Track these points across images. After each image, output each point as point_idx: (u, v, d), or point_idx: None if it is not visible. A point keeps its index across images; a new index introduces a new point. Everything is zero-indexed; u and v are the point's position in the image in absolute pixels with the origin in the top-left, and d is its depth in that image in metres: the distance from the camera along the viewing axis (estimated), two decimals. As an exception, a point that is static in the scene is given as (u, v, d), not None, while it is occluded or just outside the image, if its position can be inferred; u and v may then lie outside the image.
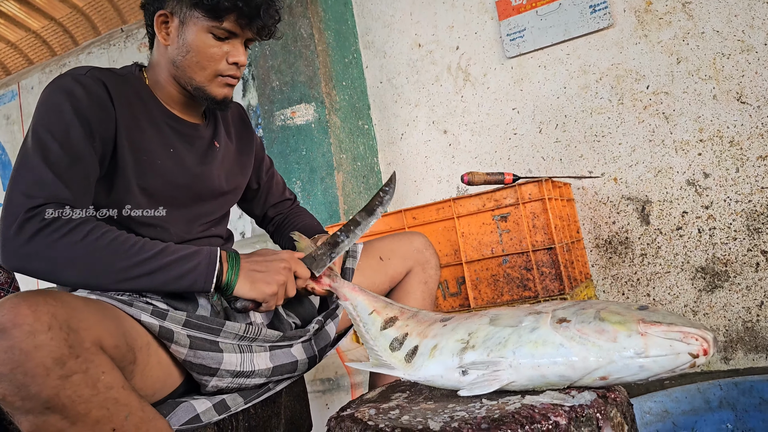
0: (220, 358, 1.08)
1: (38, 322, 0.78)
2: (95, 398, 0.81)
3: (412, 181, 2.99)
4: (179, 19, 1.21)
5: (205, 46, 1.21)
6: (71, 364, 0.79)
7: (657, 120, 2.42)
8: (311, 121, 2.71)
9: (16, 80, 4.83)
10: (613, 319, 0.81)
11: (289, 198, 1.65)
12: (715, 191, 2.32)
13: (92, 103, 1.13)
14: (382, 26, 3.09)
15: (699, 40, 2.35)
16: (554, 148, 2.63)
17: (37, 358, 0.77)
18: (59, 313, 0.80)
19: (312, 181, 2.69)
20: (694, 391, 1.42)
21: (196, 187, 1.30)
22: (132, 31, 4.21)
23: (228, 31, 1.21)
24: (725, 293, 2.28)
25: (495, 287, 2.03)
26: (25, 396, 0.77)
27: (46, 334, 0.78)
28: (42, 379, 0.77)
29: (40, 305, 0.79)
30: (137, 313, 1.00)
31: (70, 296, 0.87)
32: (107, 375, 0.83)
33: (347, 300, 1.17)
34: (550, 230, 1.95)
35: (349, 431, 0.84)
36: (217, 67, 1.23)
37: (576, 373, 0.81)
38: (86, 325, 0.83)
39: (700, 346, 0.76)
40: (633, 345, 0.78)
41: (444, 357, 0.92)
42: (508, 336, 0.87)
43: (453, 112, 2.89)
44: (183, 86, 1.27)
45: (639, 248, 2.45)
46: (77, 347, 0.80)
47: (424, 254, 1.50)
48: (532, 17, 2.67)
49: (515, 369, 0.84)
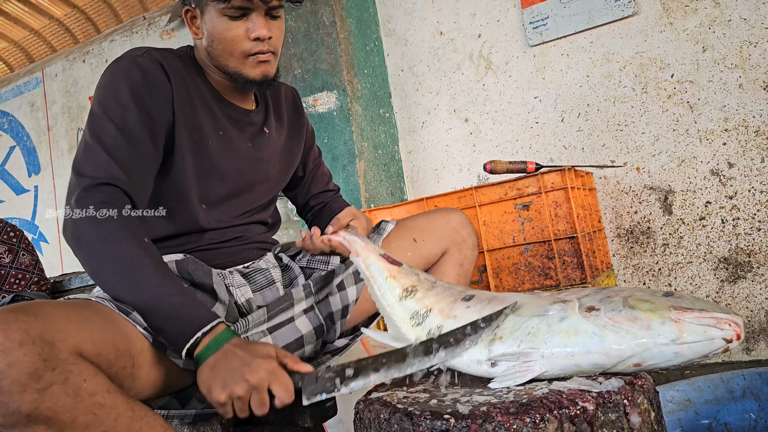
0: None
1: (8, 340, 0.78)
2: (80, 405, 0.82)
3: (432, 169, 3.00)
4: (200, 11, 1.22)
5: (224, 30, 1.19)
6: (48, 376, 0.79)
7: (681, 109, 2.40)
8: (333, 109, 2.73)
9: (40, 68, 4.89)
10: (644, 306, 0.82)
11: (332, 189, 1.61)
12: (739, 181, 2.30)
13: (150, 85, 1.14)
14: (403, 14, 3.09)
15: (725, 28, 2.32)
16: (576, 137, 2.62)
17: (12, 375, 0.77)
18: (32, 329, 0.81)
19: (334, 169, 2.71)
20: (717, 381, 1.42)
21: (244, 171, 1.30)
22: (154, 19, 4.24)
23: (239, 8, 1.17)
24: (748, 284, 2.27)
25: (516, 276, 2.04)
26: (6, 413, 0.78)
27: (18, 351, 0.78)
28: (19, 395, 0.77)
29: (10, 323, 0.80)
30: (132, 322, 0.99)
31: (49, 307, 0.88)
32: (89, 382, 0.84)
33: (359, 256, 1.13)
34: (573, 219, 1.95)
35: (378, 414, 0.86)
36: (243, 47, 1.19)
37: (610, 360, 0.82)
38: (63, 335, 0.83)
39: (733, 331, 0.77)
40: (668, 332, 0.79)
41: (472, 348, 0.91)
42: (537, 326, 0.88)
43: (474, 100, 2.88)
44: (224, 74, 1.26)
45: (661, 238, 2.44)
46: (53, 360, 0.80)
47: (460, 233, 1.45)
48: (555, 5, 2.65)
49: (548, 359, 0.84)
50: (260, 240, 1.38)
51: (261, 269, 1.30)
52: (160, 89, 1.16)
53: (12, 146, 5.03)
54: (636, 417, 0.79)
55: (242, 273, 1.27)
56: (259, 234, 1.39)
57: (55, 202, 4.71)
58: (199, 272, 1.16)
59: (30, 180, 4.90)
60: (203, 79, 1.27)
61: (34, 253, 2.42)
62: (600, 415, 0.76)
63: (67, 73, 4.69)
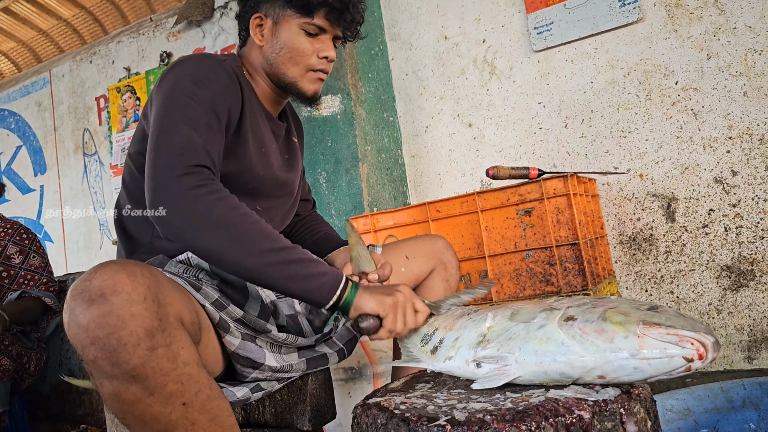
0: (263, 355, 1.12)
1: (135, 291, 0.81)
2: (173, 372, 0.84)
3: (435, 174, 3.00)
4: (272, 20, 1.29)
5: (298, 42, 1.28)
6: (158, 337, 0.82)
7: (685, 116, 2.40)
8: (337, 112, 2.73)
9: (48, 68, 4.91)
10: (615, 318, 0.82)
11: (309, 200, 1.68)
12: (743, 189, 2.29)
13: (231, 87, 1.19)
14: (408, 18, 3.09)
15: (730, 35, 2.32)
16: (580, 143, 2.62)
17: (132, 326, 0.80)
18: (152, 286, 0.84)
19: (337, 172, 2.71)
20: (717, 390, 1.42)
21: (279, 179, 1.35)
22: (161, 21, 4.25)
23: (318, 27, 1.27)
24: (750, 292, 2.26)
25: (517, 282, 2.04)
26: (115, 362, 0.80)
27: (142, 304, 0.81)
28: (133, 348, 0.80)
29: (137, 275, 0.83)
30: (202, 299, 1.03)
31: (157, 270, 0.91)
32: (185, 351, 0.87)
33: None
34: (575, 226, 1.95)
35: (376, 419, 0.86)
36: (309, 61, 1.29)
37: (575, 371, 0.82)
38: (171, 300, 0.87)
39: (695, 350, 0.76)
40: (628, 346, 0.78)
41: (463, 349, 0.96)
42: (518, 332, 0.90)
43: (478, 105, 2.89)
44: (276, 83, 1.33)
45: (663, 245, 2.43)
46: (164, 321, 0.84)
47: (445, 254, 1.53)
48: (560, 10, 2.65)
49: (520, 364, 0.86)
50: None
51: None
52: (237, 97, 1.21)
53: (18, 146, 5.05)
54: (632, 426, 0.79)
55: None
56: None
57: (61, 202, 4.72)
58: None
59: (36, 179, 4.92)
60: (253, 91, 1.32)
61: (45, 256, 2.51)
62: (596, 424, 0.76)
63: (74, 73, 4.71)
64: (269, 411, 1.28)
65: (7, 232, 2.44)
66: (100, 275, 0.82)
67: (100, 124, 4.51)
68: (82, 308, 0.80)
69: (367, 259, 1.28)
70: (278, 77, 1.32)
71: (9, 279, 2.37)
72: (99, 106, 4.52)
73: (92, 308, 0.80)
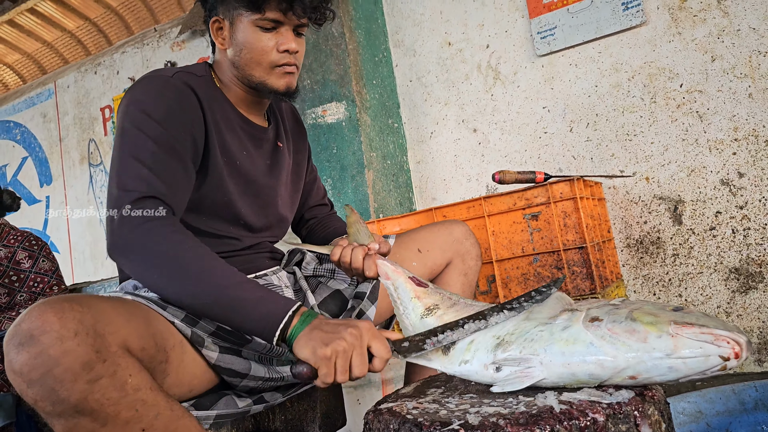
0: (248, 366, 1.10)
1: (65, 328, 0.79)
2: (124, 400, 0.83)
3: (441, 179, 3.00)
4: (229, 21, 1.26)
5: (255, 40, 1.23)
6: (98, 368, 0.81)
7: (690, 119, 2.40)
8: (342, 119, 2.74)
9: (53, 79, 4.94)
10: (645, 319, 0.82)
11: (326, 204, 1.65)
12: (750, 191, 2.29)
13: (183, 106, 1.16)
14: (412, 25, 3.10)
15: (734, 37, 2.32)
16: (585, 147, 2.62)
17: (65, 363, 0.78)
18: (85, 319, 0.82)
19: (343, 179, 2.72)
20: (729, 393, 1.41)
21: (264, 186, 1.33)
22: (165, 31, 4.28)
23: (272, 21, 1.22)
24: (759, 294, 2.25)
25: (525, 286, 2.04)
26: (56, 400, 0.79)
27: (73, 340, 0.79)
28: (70, 384, 0.79)
29: (65, 311, 0.81)
30: (170, 317, 1.02)
31: (98, 300, 0.89)
32: (134, 377, 0.85)
33: (389, 279, 1.16)
34: (582, 229, 1.95)
35: (388, 425, 0.86)
36: (270, 58, 1.24)
37: (605, 372, 0.81)
38: (113, 328, 0.85)
39: (731, 349, 0.76)
40: (663, 346, 0.78)
41: (480, 352, 0.94)
42: (541, 333, 0.89)
43: (483, 110, 2.89)
44: (247, 85, 1.30)
45: (671, 248, 2.43)
46: (104, 351, 0.82)
47: (464, 244, 1.47)
48: (563, 15, 2.65)
49: (546, 366, 0.85)
50: (271, 249, 1.40)
51: (274, 285, 1.31)
52: (194, 111, 1.18)
53: (24, 157, 5.08)
54: (646, 428, 0.78)
55: None
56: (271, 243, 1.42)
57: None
58: None
59: (42, 190, 4.94)
60: (224, 98, 1.30)
61: (55, 261, 2.62)
62: (610, 427, 0.76)
63: (78, 84, 4.74)
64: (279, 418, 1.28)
65: (17, 239, 2.53)
66: (29, 317, 0.80)
67: (105, 134, 4.53)
68: (14, 353, 0.79)
69: (366, 234, 1.23)
70: (247, 79, 1.28)
71: (19, 282, 2.45)
72: (104, 117, 4.54)
73: (23, 352, 0.78)
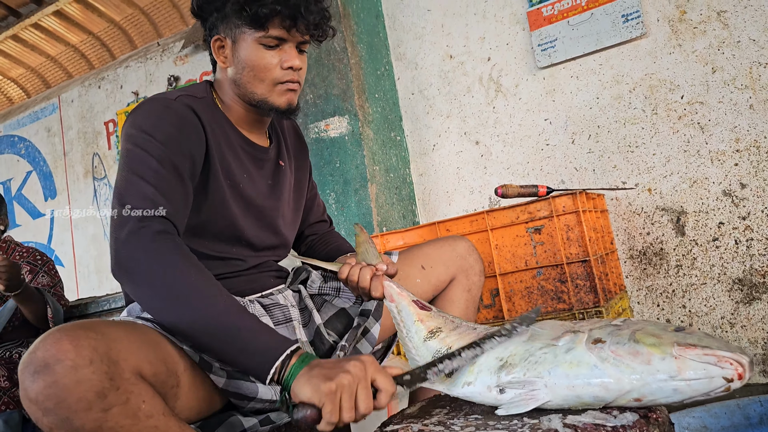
0: (255, 389, 1.10)
1: (79, 356, 0.79)
2: (136, 427, 0.83)
3: (444, 192, 3.01)
4: (231, 40, 1.26)
5: (258, 58, 1.23)
6: (112, 396, 0.81)
7: (692, 130, 2.41)
8: (345, 133, 2.75)
9: (57, 93, 4.98)
10: (648, 341, 0.82)
11: (326, 220, 1.65)
12: (752, 202, 2.29)
13: (186, 128, 1.17)
14: (413, 38, 3.12)
15: (735, 49, 2.33)
16: (587, 159, 2.63)
17: (79, 392, 0.78)
18: (99, 346, 0.82)
19: (346, 193, 2.73)
20: (734, 407, 1.41)
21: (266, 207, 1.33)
22: (168, 45, 4.31)
23: (275, 38, 1.23)
24: (763, 305, 2.25)
25: (529, 299, 2.04)
26: (69, 429, 0.79)
27: (88, 368, 0.79)
28: (84, 413, 0.79)
29: (80, 339, 0.81)
30: (179, 342, 1.02)
31: (110, 325, 0.89)
32: (147, 404, 0.85)
33: (393, 302, 1.17)
34: (585, 242, 1.95)
35: (394, 447, 0.87)
36: (273, 75, 1.25)
37: (610, 394, 0.82)
38: (125, 355, 0.85)
39: (734, 370, 0.77)
40: (667, 368, 0.79)
41: (483, 374, 0.94)
42: (544, 355, 0.89)
43: (485, 123, 2.90)
44: (248, 103, 1.30)
45: (674, 259, 2.43)
46: (117, 379, 0.82)
47: (467, 260, 1.47)
48: (563, 27, 2.67)
49: (550, 389, 0.85)
50: (276, 268, 1.41)
51: (280, 304, 1.31)
52: (197, 134, 1.19)
53: (29, 171, 5.10)
54: (651, 451, 0.79)
55: (262, 304, 1.29)
56: (275, 262, 1.42)
57: (71, 226, 4.76)
58: None
59: (46, 204, 4.97)
60: (226, 119, 1.30)
61: (55, 276, 2.61)
62: (615, 450, 0.76)
63: (83, 98, 4.77)
64: (286, 437, 1.28)
65: (22, 255, 2.56)
66: (43, 345, 0.81)
67: (109, 148, 4.56)
68: (29, 381, 0.79)
69: (375, 255, 1.24)
70: (248, 97, 1.28)
71: None
72: (108, 131, 4.57)
73: (38, 380, 0.79)
